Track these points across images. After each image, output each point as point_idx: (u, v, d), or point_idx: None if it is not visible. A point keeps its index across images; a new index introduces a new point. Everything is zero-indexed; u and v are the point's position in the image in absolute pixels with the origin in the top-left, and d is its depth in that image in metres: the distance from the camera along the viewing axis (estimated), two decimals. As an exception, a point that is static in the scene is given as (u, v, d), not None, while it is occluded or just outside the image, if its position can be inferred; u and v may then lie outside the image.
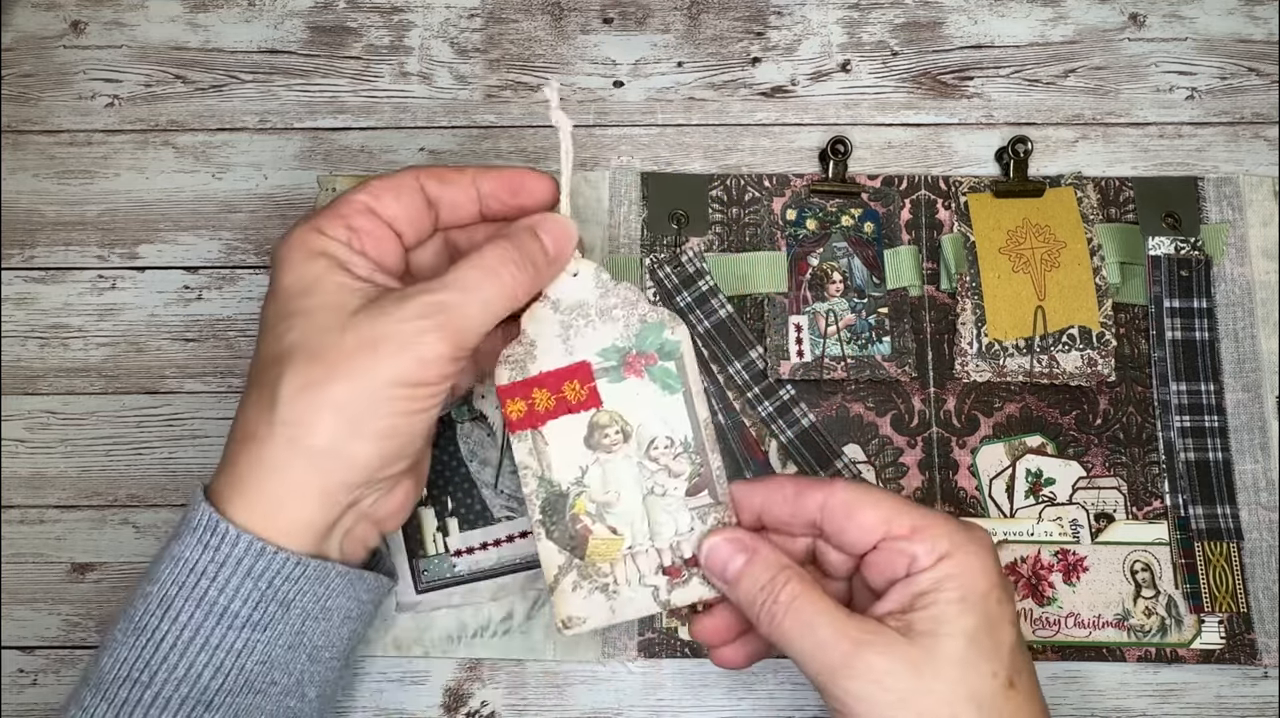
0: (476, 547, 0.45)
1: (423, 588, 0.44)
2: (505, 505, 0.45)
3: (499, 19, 0.54)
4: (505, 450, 0.44)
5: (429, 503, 0.45)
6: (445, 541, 0.45)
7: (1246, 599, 0.45)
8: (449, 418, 0.46)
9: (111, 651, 0.33)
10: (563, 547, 0.37)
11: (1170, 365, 0.48)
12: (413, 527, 0.44)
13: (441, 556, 0.45)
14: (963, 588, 0.33)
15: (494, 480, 0.46)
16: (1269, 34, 0.53)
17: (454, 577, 0.45)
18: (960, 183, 0.50)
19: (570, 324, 0.38)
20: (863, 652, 0.32)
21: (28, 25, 0.54)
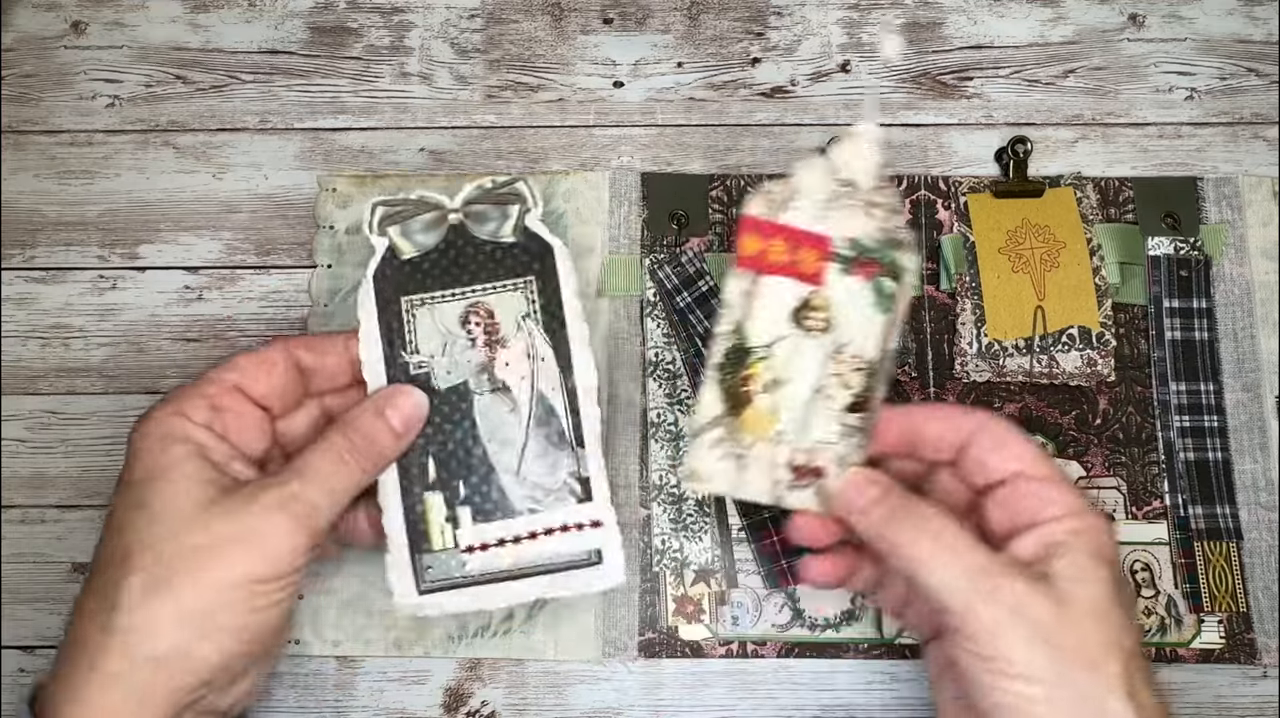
0: (492, 543, 0.38)
1: (426, 588, 0.38)
2: (529, 496, 0.39)
3: (499, 19, 0.54)
4: (530, 431, 0.39)
5: (436, 487, 0.38)
6: (455, 533, 0.38)
7: (1246, 599, 0.45)
8: (465, 388, 0.39)
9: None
10: (724, 400, 0.38)
11: (1170, 365, 0.48)
12: (417, 515, 0.38)
13: (450, 551, 0.38)
14: (1097, 545, 0.33)
15: (517, 465, 0.39)
16: (1269, 34, 0.53)
17: (464, 577, 0.38)
18: (960, 183, 0.50)
19: (838, 196, 0.38)
20: (1009, 580, 0.32)
21: (28, 25, 0.54)
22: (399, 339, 0.39)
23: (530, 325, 0.39)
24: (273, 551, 0.33)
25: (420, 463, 0.38)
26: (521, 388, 0.39)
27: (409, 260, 0.40)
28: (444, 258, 0.40)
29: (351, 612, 0.46)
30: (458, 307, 0.39)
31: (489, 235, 0.40)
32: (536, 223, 0.40)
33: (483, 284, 0.39)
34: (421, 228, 0.40)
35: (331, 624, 0.46)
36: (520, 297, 0.39)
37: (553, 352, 0.39)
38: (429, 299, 0.39)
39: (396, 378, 0.39)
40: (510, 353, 0.39)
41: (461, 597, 0.38)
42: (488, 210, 0.40)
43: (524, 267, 0.40)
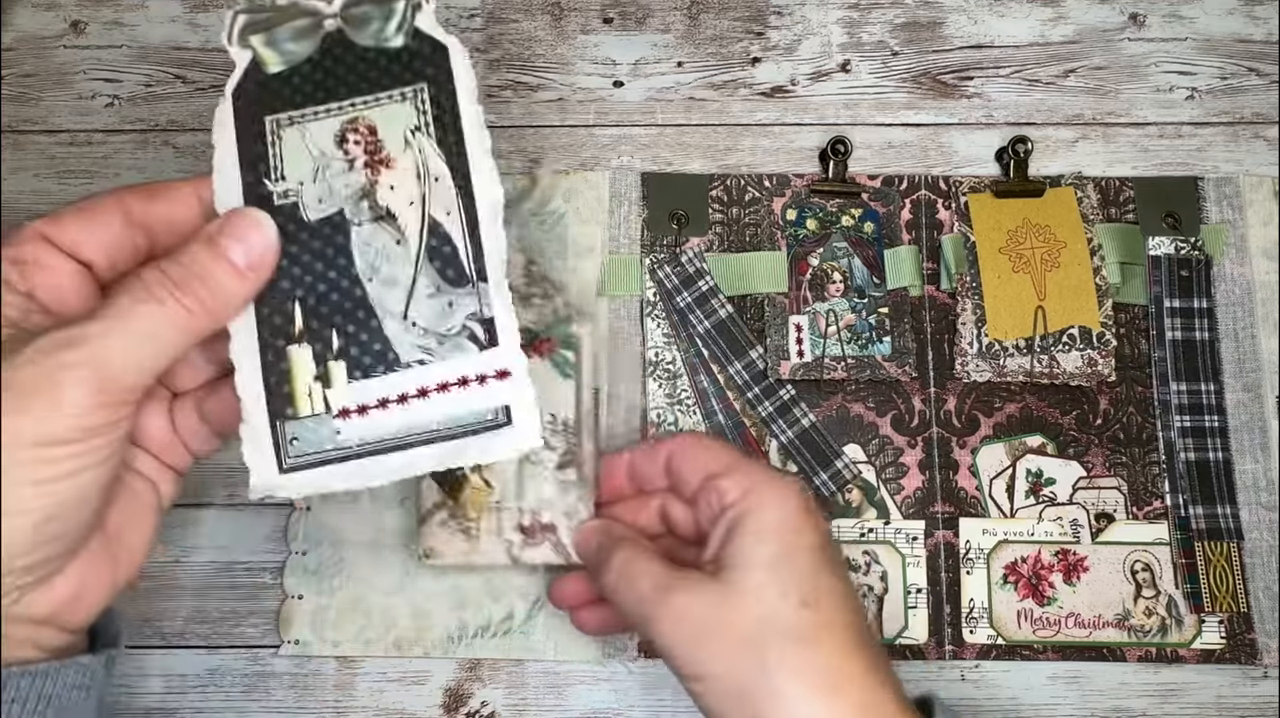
0: (373, 404, 0.31)
1: (291, 464, 0.31)
2: (418, 344, 0.32)
3: (499, 19, 0.54)
4: (421, 266, 0.32)
5: (303, 339, 0.31)
6: (326, 394, 0.31)
7: (1247, 599, 0.45)
8: (340, 218, 0.32)
9: None
10: (441, 486, 0.42)
11: (1170, 365, 0.48)
12: (278, 374, 0.31)
13: (319, 417, 0.31)
14: (760, 521, 0.34)
15: (404, 308, 0.32)
16: (1269, 34, 0.53)
17: (337, 449, 0.31)
18: (960, 183, 0.50)
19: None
20: (669, 595, 0.34)
21: (28, 25, 0.54)
22: (263, 165, 0.33)
23: (421, 140, 0.33)
24: (57, 404, 0.26)
25: (283, 310, 0.31)
26: (410, 214, 0.32)
27: (276, 75, 0.33)
28: (318, 70, 0.33)
29: (351, 612, 0.46)
30: (333, 123, 0.33)
31: (372, 40, 0.33)
32: (429, 21, 0.33)
33: (364, 97, 0.33)
34: (291, 36, 0.33)
35: (331, 624, 0.45)
36: (409, 108, 0.33)
37: (448, 170, 0.32)
38: (298, 117, 0.33)
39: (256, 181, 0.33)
40: (396, 174, 0.32)
41: (334, 473, 0.31)
42: (369, 11, 0.33)
43: (414, 73, 0.33)
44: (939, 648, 0.45)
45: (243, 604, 0.46)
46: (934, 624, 0.45)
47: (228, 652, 0.46)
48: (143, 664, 0.46)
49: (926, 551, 0.46)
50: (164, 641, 0.46)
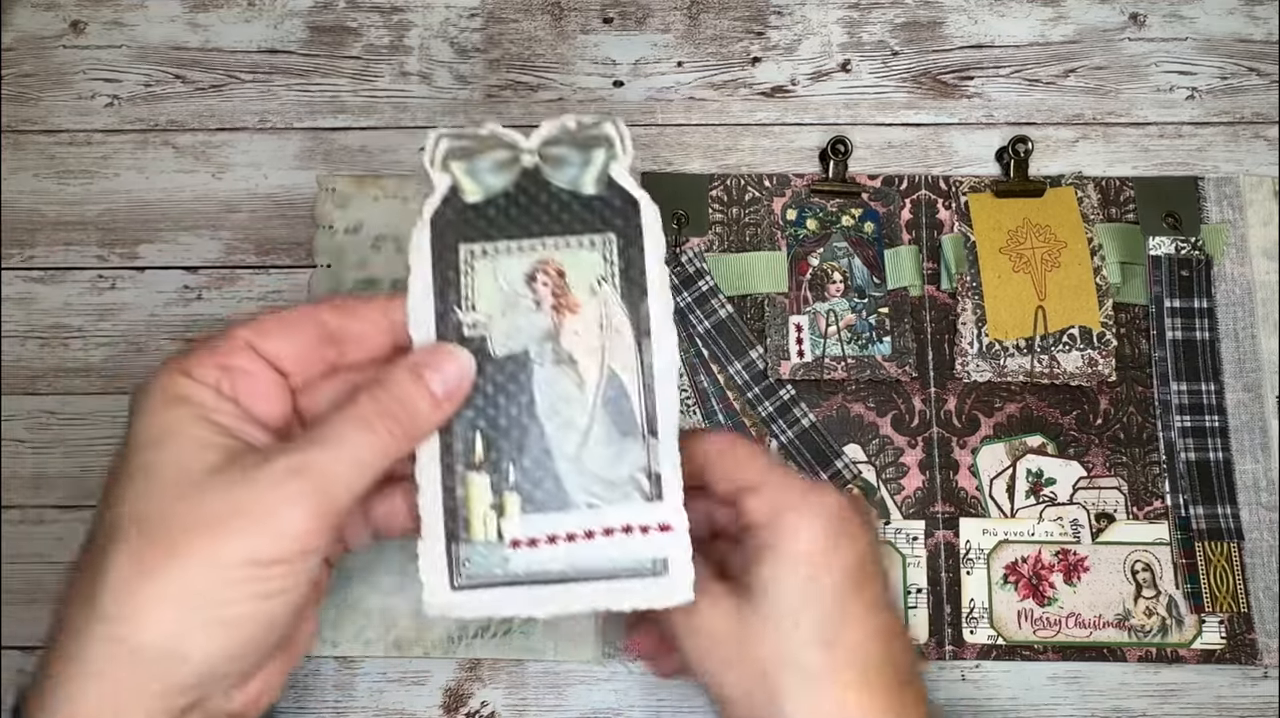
0: (542, 538, 0.32)
1: (462, 584, 0.32)
2: (588, 488, 0.33)
3: (499, 19, 0.54)
4: (597, 413, 0.33)
5: (483, 468, 0.33)
6: (500, 523, 0.33)
7: (1247, 599, 0.45)
8: (525, 357, 0.34)
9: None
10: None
11: (1171, 365, 0.47)
12: (457, 499, 0.32)
13: (493, 544, 0.32)
14: (785, 550, 0.31)
15: (577, 451, 0.33)
16: (1269, 34, 0.53)
17: (507, 576, 0.32)
18: (960, 183, 0.50)
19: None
20: (694, 616, 0.32)
21: (28, 25, 0.54)
22: (454, 293, 0.33)
23: (607, 291, 0.34)
24: (280, 528, 0.28)
25: (466, 438, 0.33)
26: (590, 362, 0.33)
27: (473, 204, 0.34)
28: (513, 205, 0.34)
29: (351, 612, 0.46)
30: (524, 261, 0.34)
31: (567, 183, 0.34)
32: (623, 173, 0.34)
33: (555, 238, 0.34)
34: (491, 168, 0.34)
35: (331, 624, 0.45)
36: (597, 256, 0.34)
37: (630, 326, 0.33)
38: (492, 249, 0.34)
39: (447, 338, 0.33)
40: (580, 320, 0.33)
41: (501, 598, 0.32)
42: (568, 154, 0.34)
43: (604, 222, 0.34)
44: (939, 648, 0.45)
45: (243, 604, 0.46)
46: (934, 624, 0.45)
47: (228, 652, 0.46)
48: (143, 664, 0.46)
49: (927, 551, 0.46)
50: (164, 641, 0.46)
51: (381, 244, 0.50)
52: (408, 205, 0.51)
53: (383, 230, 0.50)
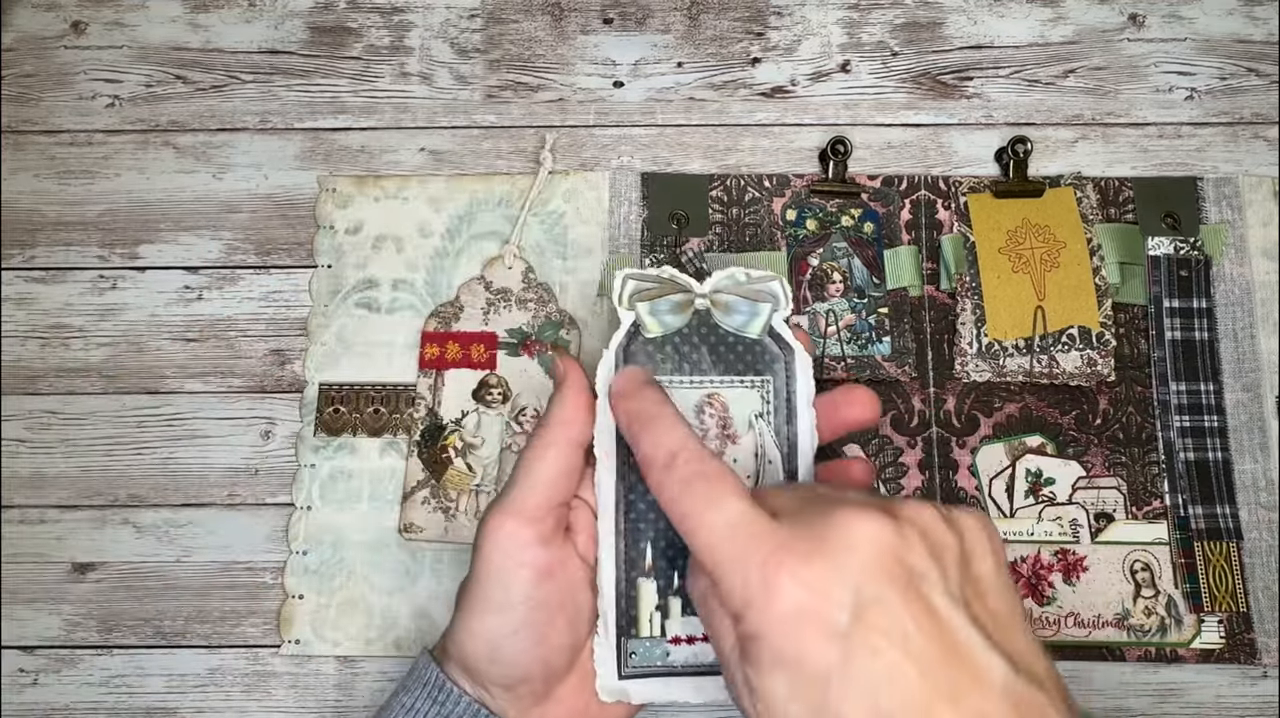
0: (699, 637, 0.37)
1: (628, 673, 0.37)
2: None
3: (499, 19, 0.54)
4: None
5: (651, 574, 0.37)
6: (664, 623, 0.37)
7: (1246, 599, 0.45)
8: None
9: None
10: (426, 466, 0.47)
11: (1170, 365, 0.48)
12: (629, 599, 0.37)
13: (656, 639, 0.37)
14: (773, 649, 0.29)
15: None
16: (1269, 34, 0.53)
17: (665, 667, 0.37)
18: (960, 183, 0.50)
19: (494, 302, 0.49)
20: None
21: (28, 25, 0.54)
22: None
23: (761, 426, 0.38)
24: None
25: (639, 549, 0.37)
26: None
27: (651, 339, 0.38)
28: (686, 343, 0.38)
29: (351, 612, 0.46)
30: (695, 394, 0.38)
31: (734, 328, 0.38)
32: (782, 324, 0.38)
33: (721, 376, 0.38)
34: (669, 309, 0.38)
35: (331, 624, 0.46)
36: (755, 394, 0.38)
37: (780, 456, 0.38)
38: (668, 382, 0.38)
39: (627, 459, 0.37)
40: (739, 449, 0.38)
41: (659, 686, 0.37)
42: (737, 303, 0.38)
43: (764, 365, 0.38)
44: (939, 648, 0.45)
45: (243, 604, 0.46)
46: (934, 624, 0.45)
47: (228, 652, 0.46)
48: (143, 664, 0.46)
49: (926, 550, 0.46)
50: (164, 640, 0.46)
51: (382, 244, 0.50)
52: (408, 205, 0.51)
53: (383, 230, 0.50)
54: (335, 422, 0.48)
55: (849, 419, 0.38)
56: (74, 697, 0.46)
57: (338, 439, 0.48)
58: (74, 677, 0.46)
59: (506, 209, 0.51)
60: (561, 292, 0.49)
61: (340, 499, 0.47)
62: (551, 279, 0.49)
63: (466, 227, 0.50)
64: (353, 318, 0.49)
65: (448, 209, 0.51)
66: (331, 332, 0.49)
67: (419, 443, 0.47)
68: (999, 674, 0.26)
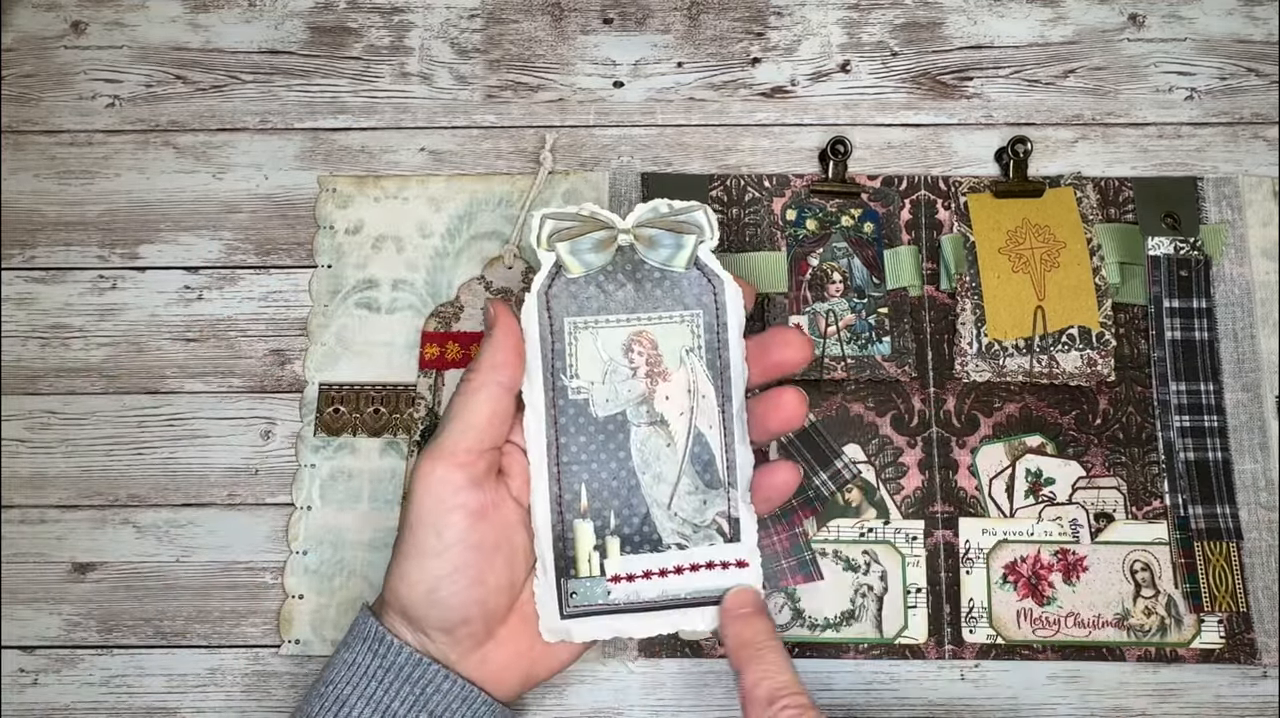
0: (638, 574, 0.38)
1: (569, 613, 0.38)
2: (678, 531, 0.38)
3: (499, 19, 0.54)
4: (685, 467, 0.38)
5: (587, 516, 0.38)
6: (602, 562, 0.38)
7: (1246, 599, 0.45)
8: (622, 418, 0.38)
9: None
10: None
11: (1170, 365, 0.48)
12: (567, 541, 0.38)
13: (595, 578, 0.38)
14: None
15: (668, 500, 0.38)
16: (1268, 34, 0.53)
17: (606, 604, 0.38)
18: (960, 183, 0.50)
19: (493, 303, 0.47)
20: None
21: (28, 25, 0.54)
22: (560, 362, 0.38)
23: (693, 360, 0.38)
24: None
25: (573, 490, 0.38)
26: (679, 423, 0.38)
27: (574, 279, 0.38)
28: (610, 280, 0.38)
29: (351, 612, 0.46)
30: (621, 333, 0.38)
31: (659, 262, 0.38)
32: (709, 254, 0.38)
33: (648, 313, 0.38)
34: (591, 247, 0.38)
35: (331, 624, 0.46)
36: (685, 329, 0.38)
37: (714, 390, 0.38)
38: (593, 322, 0.38)
39: (555, 402, 0.38)
40: (671, 386, 0.38)
41: (601, 623, 0.38)
42: (661, 236, 0.38)
43: (693, 298, 0.38)
44: (939, 648, 0.45)
45: (243, 604, 0.46)
46: (934, 624, 0.45)
47: (228, 652, 0.46)
48: (143, 664, 0.46)
49: (926, 550, 0.46)
50: (164, 640, 0.46)
51: (382, 244, 0.50)
52: (408, 205, 0.51)
53: (383, 230, 0.50)
54: (335, 422, 0.48)
55: (780, 360, 0.38)
56: (74, 697, 0.46)
57: (338, 439, 0.48)
58: (74, 677, 0.46)
59: (506, 209, 0.51)
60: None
61: (340, 499, 0.47)
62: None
63: (466, 227, 0.50)
64: (353, 318, 0.49)
65: (448, 209, 0.51)
66: (331, 332, 0.49)
67: (419, 443, 0.47)
68: None
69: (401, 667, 0.35)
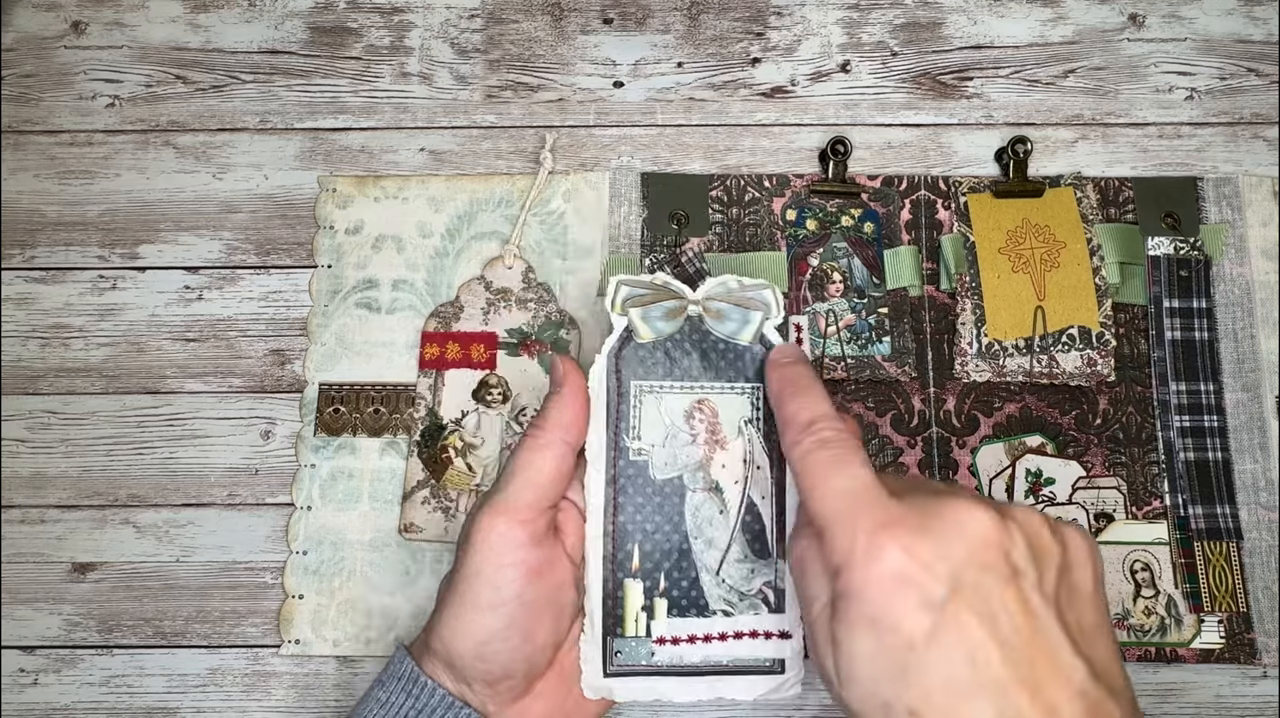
0: (684, 638, 0.38)
1: (612, 672, 0.38)
2: (724, 597, 0.38)
3: (499, 19, 0.54)
4: (736, 535, 0.38)
5: (638, 575, 0.38)
6: (649, 623, 0.38)
7: (1246, 599, 0.45)
8: (679, 482, 0.39)
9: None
10: (426, 466, 0.47)
11: (1170, 365, 0.48)
12: (616, 599, 0.38)
13: (641, 638, 0.38)
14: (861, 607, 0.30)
15: (718, 566, 0.38)
16: (1268, 34, 0.53)
17: (650, 666, 0.38)
18: (960, 183, 0.50)
19: (494, 302, 0.49)
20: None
21: (28, 25, 0.54)
22: (624, 423, 0.39)
23: (751, 431, 0.39)
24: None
25: (625, 549, 0.38)
26: (733, 491, 0.39)
27: (643, 345, 0.39)
28: (678, 348, 0.39)
29: (351, 612, 0.46)
30: (685, 400, 0.39)
31: (725, 335, 0.39)
32: (774, 331, 0.39)
33: (711, 382, 0.39)
34: (662, 315, 0.39)
35: (331, 624, 0.46)
36: (746, 401, 0.39)
37: (769, 463, 0.38)
38: (659, 388, 0.39)
39: (616, 462, 0.39)
40: (728, 455, 0.39)
41: (643, 685, 0.38)
42: (729, 310, 0.39)
43: (755, 372, 0.39)
44: (939, 648, 0.45)
45: (243, 604, 0.46)
46: (934, 624, 0.45)
47: (228, 652, 0.46)
48: (143, 664, 0.46)
49: (926, 550, 0.46)
50: (164, 640, 0.46)
51: (382, 244, 0.50)
52: (408, 205, 0.51)
53: (383, 231, 0.50)
54: (335, 422, 0.48)
55: None
56: (74, 697, 0.46)
57: (338, 439, 0.48)
58: (74, 677, 0.46)
59: (506, 209, 0.51)
60: (561, 292, 0.49)
61: (340, 499, 0.47)
62: (551, 279, 0.49)
63: (466, 227, 0.50)
64: (353, 318, 0.49)
65: (448, 209, 0.51)
66: (331, 332, 0.49)
67: (419, 443, 0.47)
68: (1079, 677, 0.27)
69: (435, 709, 0.35)
